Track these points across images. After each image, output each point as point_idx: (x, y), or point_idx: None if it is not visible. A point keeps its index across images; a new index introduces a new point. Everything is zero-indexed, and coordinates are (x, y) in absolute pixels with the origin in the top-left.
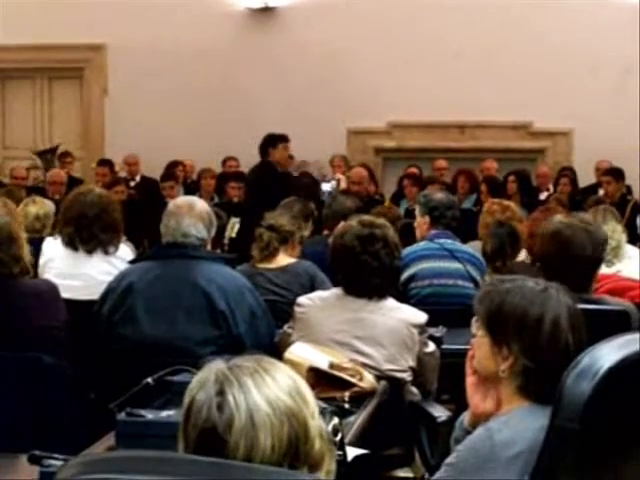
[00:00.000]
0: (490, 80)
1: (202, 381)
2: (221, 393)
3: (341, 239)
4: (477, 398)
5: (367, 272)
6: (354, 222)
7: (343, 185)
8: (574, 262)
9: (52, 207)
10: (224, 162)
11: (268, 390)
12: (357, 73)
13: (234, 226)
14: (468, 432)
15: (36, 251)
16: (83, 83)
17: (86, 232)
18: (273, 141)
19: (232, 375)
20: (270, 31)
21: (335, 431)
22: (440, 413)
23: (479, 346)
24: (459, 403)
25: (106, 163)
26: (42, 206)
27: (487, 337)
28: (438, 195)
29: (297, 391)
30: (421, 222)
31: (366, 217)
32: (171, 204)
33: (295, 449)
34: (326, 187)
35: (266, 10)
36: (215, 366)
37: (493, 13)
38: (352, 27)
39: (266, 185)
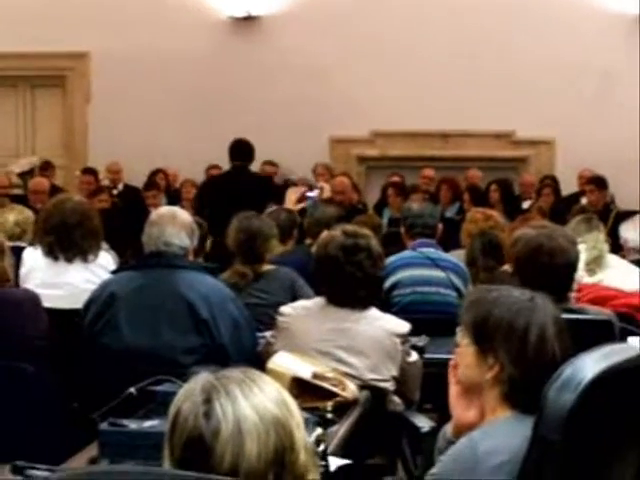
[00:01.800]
0: (473, 89)
1: (189, 391)
2: (208, 401)
3: (325, 249)
4: (460, 408)
5: (351, 282)
6: (338, 232)
7: (326, 193)
8: (547, 270)
9: (30, 214)
10: (207, 170)
11: (256, 399)
12: (340, 81)
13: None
14: (451, 442)
15: (17, 260)
16: (66, 91)
17: (66, 240)
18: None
19: (219, 384)
20: (253, 40)
21: (318, 441)
22: (423, 423)
23: (464, 355)
24: (442, 412)
25: (91, 172)
26: (20, 212)
27: (472, 346)
28: (413, 205)
29: (283, 402)
30: (404, 231)
31: (350, 227)
32: (153, 214)
33: (281, 459)
34: (310, 194)
35: (249, 19)
36: (201, 376)
37: (474, 22)
38: (335, 36)
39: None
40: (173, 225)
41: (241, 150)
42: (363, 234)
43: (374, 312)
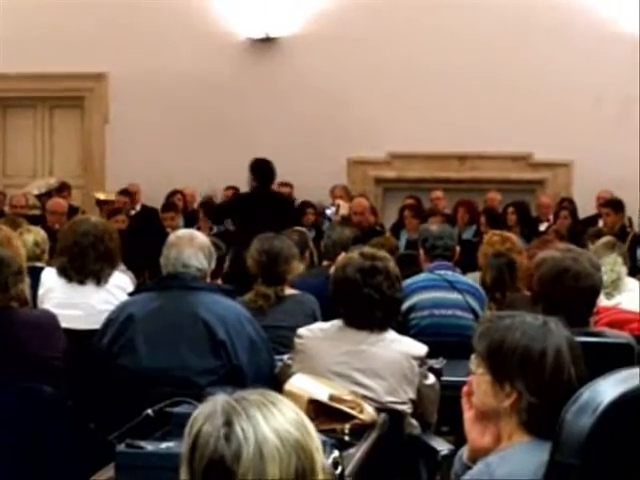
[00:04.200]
0: (490, 111)
1: (208, 413)
2: (229, 424)
3: (343, 272)
4: (475, 433)
5: (369, 305)
6: (355, 254)
7: (343, 211)
8: (571, 294)
9: (45, 234)
10: (225, 191)
11: (276, 422)
12: (357, 103)
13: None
14: (468, 467)
15: (35, 281)
16: (84, 112)
17: (79, 261)
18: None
19: (239, 407)
20: (271, 61)
21: (335, 464)
22: (441, 446)
23: (479, 383)
24: (459, 435)
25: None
26: (37, 233)
27: (488, 374)
28: (431, 227)
29: (303, 424)
30: (421, 254)
31: (367, 249)
32: (172, 236)
33: None
34: (328, 212)
35: (267, 40)
36: (220, 398)
37: (494, 44)
38: (352, 58)
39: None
40: (191, 247)
41: (261, 169)
42: (381, 256)
43: (391, 334)
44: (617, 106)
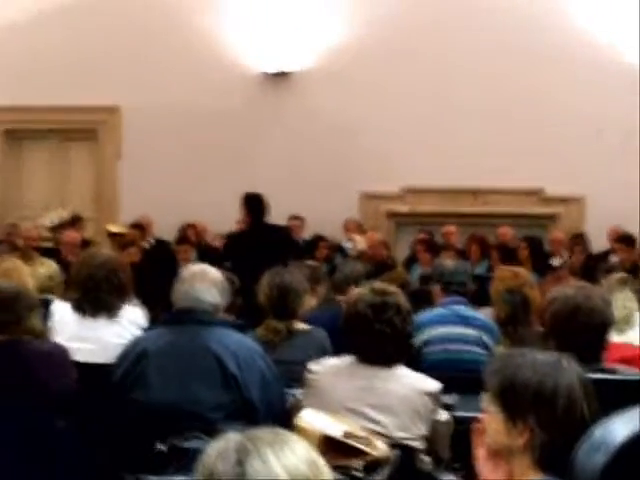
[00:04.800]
0: (503, 146)
1: (220, 451)
2: (241, 463)
3: (354, 307)
4: (488, 471)
5: (381, 340)
6: (366, 290)
7: (360, 246)
8: (584, 330)
9: (57, 267)
10: (238, 224)
11: (287, 461)
12: (370, 138)
13: None
14: None
15: (46, 313)
16: (97, 144)
17: (93, 294)
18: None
19: (251, 445)
20: (284, 95)
21: None
22: None
23: (491, 421)
24: (470, 471)
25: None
26: (50, 266)
27: (500, 413)
28: (447, 262)
29: (314, 462)
30: (434, 290)
31: (378, 285)
32: (184, 270)
33: None
34: (346, 245)
35: (280, 75)
36: (233, 436)
37: (505, 82)
38: (366, 92)
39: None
40: (203, 282)
41: (253, 204)
42: (392, 292)
43: (404, 370)
44: (627, 138)
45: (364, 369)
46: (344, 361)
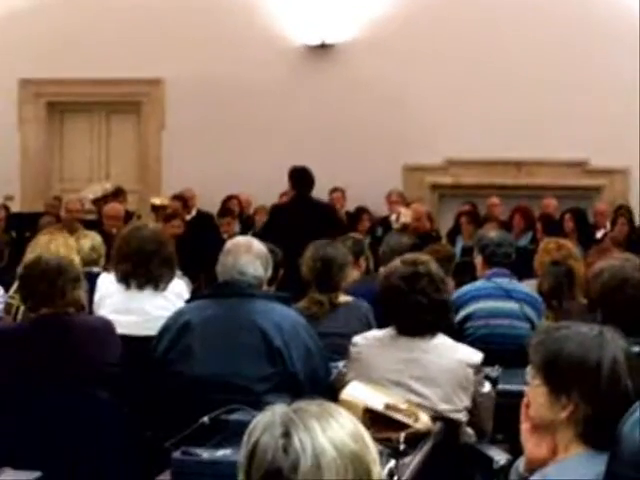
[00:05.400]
0: (547, 118)
1: (267, 423)
2: (287, 435)
3: (387, 280)
4: (532, 444)
5: (416, 310)
6: (398, 262)
7: (404, 219)
8: (631, 303)
9: (101, 239)
10: (280, 197)
11: (334, 433)
12: (413, 109)
13: None
14: (524, 478)
15: (91, 287)
16: (140, 117)
17: (143, 268)
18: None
19: (297, 417)
20: (327, 68)
21: (391, 474)
22: (497, 455)
23: (535, 395)
24: (514, 444)
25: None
26: (93, 237)
27: (544, 386)
28: (490, 233)
29: (361, 436)
30: (477, 261)
31: (409, 256)
32: (229, 243)
33: None
34: (390, 217)
35: (323, 47)
36: (279, 408)
37: (553, 50)
38: (409, 63)
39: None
40: (248, 254)
41: (300, 179)
42: (422, 260)
43: (447, 341)
44: None
45: (405, 341)
46: (386, 333)
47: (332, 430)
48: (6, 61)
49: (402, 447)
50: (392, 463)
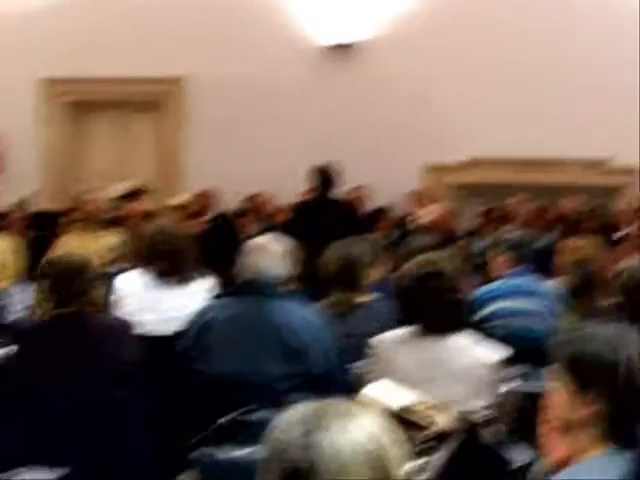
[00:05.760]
0: (570, 116)
1: (287, 422)
2: (307, 434)
3: (400, 281)
4: (554, 444)
5: (432, 310)
6: (412, 264)
7: (426, 218)
8: None
9: (120, 239)
10: (302, 195)
11: (354, 435)
12: (436, 108)
13: None
14: (545, 479)
15: (110, 286)
16: (161, 116)
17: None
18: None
19: (318, 417)
20: (348, 66)
21: (411, 474)
22: (517, 456)
23: (557, 394)
24: (536, 444)
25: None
26: (113, 237)
27: (567, 385)
28: (516, 233)
29: (381, 437)
30: (500, 260)
31: (422, 256)
32: (249, 242)
33: None
34: (411, 216)
35: (343, 46)
36: (300, 408)
37: (579, 49)
38: (432, 61)
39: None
40: (268, 254)
41: (321, 176)
42: (435, 260)
43: (466, 339)
44: None
45: (425, 340)
46: (406, 333)
47: (352, 430)
48: (27, 60)
49: (421, 448)
50: (412, 463)
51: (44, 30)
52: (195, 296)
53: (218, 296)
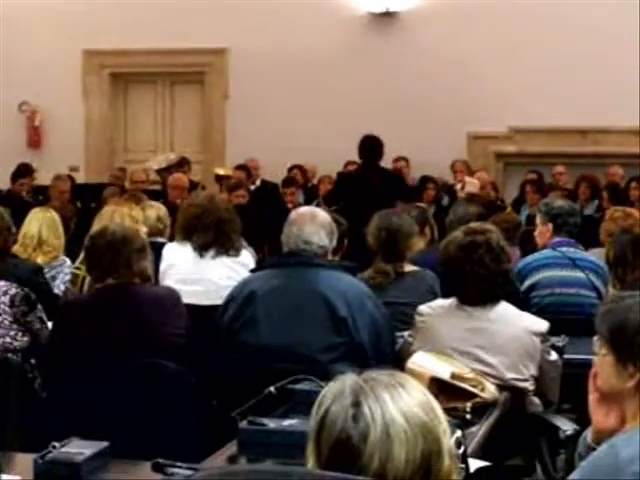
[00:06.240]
0: (612, 85)
1: (337, 392)
2: (357, 404)
3: (445, 250)
4: (600, 414)
5: (474, 280)
6: (458, 232)
7: (470, 188)
8: None
9: (166, 210)
10: (345, 166)
11: (404, 404)
12: (478, 77)
13: None
14: (592, 449)
15: (157, 257)
16: (204, 87)
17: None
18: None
19: (368, 387)
20: (391, 35)
21: (458, 443)
22: (563, 425)
23: (602, 364)
24: (581, 413)
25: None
26: (159, 208)
27: (611, 355)
28: (560, 202)
29: (431, 407)
30: (543, 230)
31: (470, 225)
32: (293, 213)
33: (428, 464)
34: (456, 186)
35: (387, 15)
36: (349, 378)
37: (618, 18)
38: (473, 32)
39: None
40: (312, 224)
41: (370, 147)
42: (482, 230)
43: (511, 309)
44: None
45: (470, 310)
46: (451, 302)
47: (402, 400)
48: (70, 33)
49: (469, 416)
50: (459, 433)
51: (87, 3)
52: (239, 267)
53: (260, 266)
